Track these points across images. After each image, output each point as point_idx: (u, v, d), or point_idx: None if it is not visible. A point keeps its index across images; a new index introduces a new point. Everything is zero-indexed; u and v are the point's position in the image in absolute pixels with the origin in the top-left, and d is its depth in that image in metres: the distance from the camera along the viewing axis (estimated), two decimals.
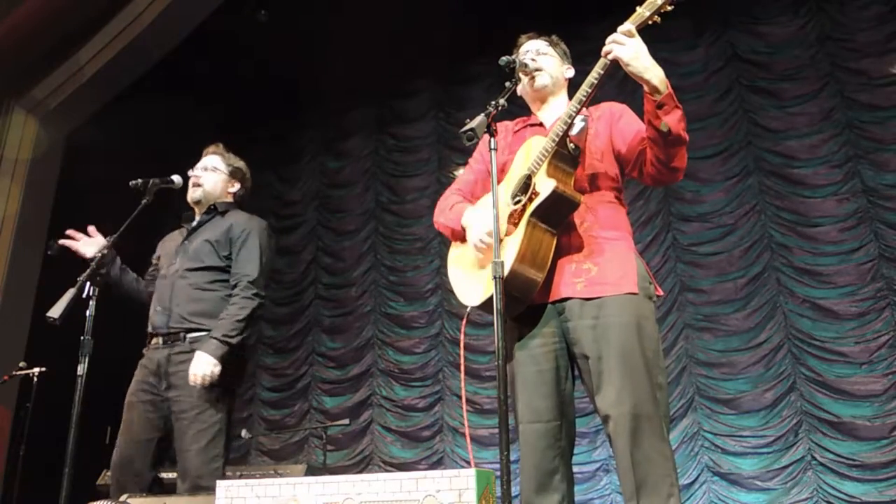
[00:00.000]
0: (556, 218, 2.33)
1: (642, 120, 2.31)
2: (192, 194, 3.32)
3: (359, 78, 8.17)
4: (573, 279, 2.32)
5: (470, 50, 7.87)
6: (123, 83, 7.49)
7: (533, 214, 2.30)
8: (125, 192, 3.21)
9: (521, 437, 2.33)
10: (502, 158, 2.57)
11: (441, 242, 8.03)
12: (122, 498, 2.84)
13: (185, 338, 3.03)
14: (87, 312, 2.85)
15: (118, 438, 3.01)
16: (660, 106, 2.17)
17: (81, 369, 2.75)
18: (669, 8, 2.21)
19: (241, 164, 3.48)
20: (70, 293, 2.80)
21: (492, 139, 2.25)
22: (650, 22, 2.23)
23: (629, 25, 2.24)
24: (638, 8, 2.25)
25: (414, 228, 8.26)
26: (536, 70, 2.59)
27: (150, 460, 2.98)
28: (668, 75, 2.26)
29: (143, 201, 3.13)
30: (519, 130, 2.67)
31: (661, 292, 2.43)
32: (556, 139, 2.32)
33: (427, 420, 7.46)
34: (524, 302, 2.33)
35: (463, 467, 1.87)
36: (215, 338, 2.92)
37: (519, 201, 2.37)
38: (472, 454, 6.04)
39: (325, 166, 9.02)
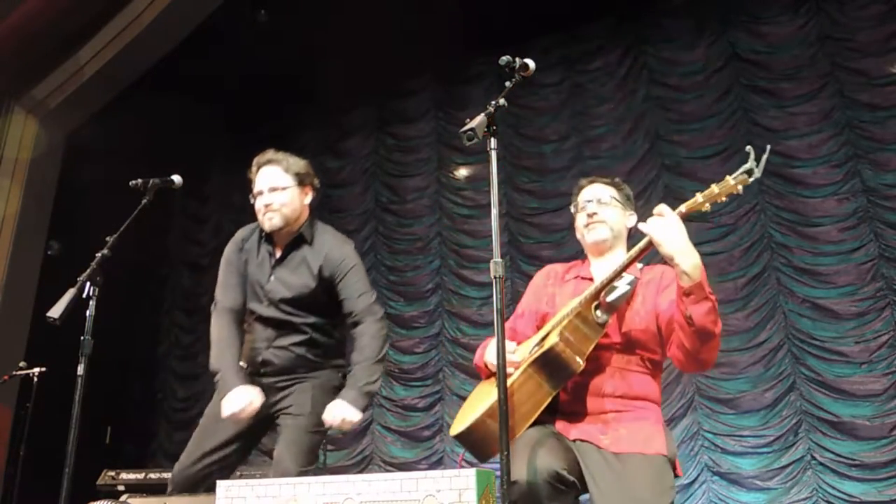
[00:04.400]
0: (552, 376, 2.23)
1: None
2: (272, 222, 2.94)
3: (359, 78, 8.17)
4: (599, 435, 2.25)
5: (470, 50, 7.88)
6: (123, 83, 7.50)
7: (531, 364, 2.23)
8: (125, 192, 3.20)
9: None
10: (544, 309, 2.51)
11: (441, 242, 8.04)
12: (123, 498, 2.85)
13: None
14: (87, 312, 2.84)
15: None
16: (687, 294, 2.08)
17: (81, 369, 2.75)
18: (724, 199, 2.15)
19: (301, 164, 3.12)
20: (70, 293, 2.79)
21: (492, 139, 2.24)
22: (703, 209, 2.16)
23: (662, 207, 2.15)
24: (698, 194, 2.17)
25: (414, 228, 8.27)
26: (598, 222, 2.49)
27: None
28: (668, 75, 2.24)
29: (143, 201, 3.12)
30: (567, 281, 2.57)
31: (680, 473, 2.30)
32: (583, 301, 2.27)
33: (427, 420, 7.46)
34: (486, 455, 2.23)
35: (463, 467, 1.87)
36: (358, 387, 2.77)
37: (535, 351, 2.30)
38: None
39: (325, 166, 9.01)
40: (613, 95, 7.39)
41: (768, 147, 2.16)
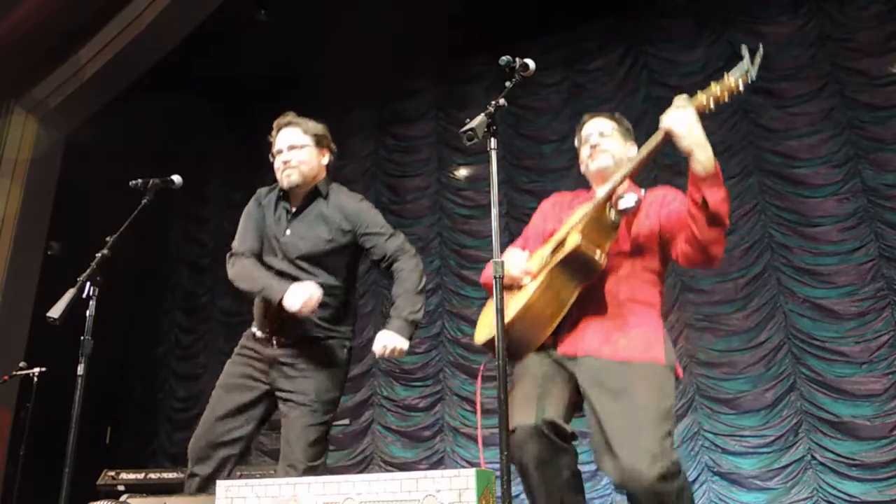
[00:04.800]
0: (575, 276, 2.36)
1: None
2: (289, 178, 2.98)
3: (359, 78, 8.17)
4: (601, 345, 2.34)
5: (470, 50, 7.88)
6: (123, 83, 7.49)
7: (555, 266, 2.35)
8: (125, 192, 3.20)
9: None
10: (552, 226, 2.63)
11: (442, 243, 8.04)
12: (123, 498, 2.85)
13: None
14: (87, 312, 2.84)
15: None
16: (703, 179, 2.18)
17: (81, 369, 2.75)
18: (727, 99, 2.22)
19: (320, 127, 3.14)
20: (70, 293, 2.79)
21: (492, 139, 2.24)
22: (706, 111, 2.24)
23: (684, 98, 2.24)
24: (699, 92, 2.25)
25: (414, 229, 8.26)
26: (600, 151, 2.61)
27: None
28: (668, 75, 2.27)
29: (143, 201, 3.12)
30: (576, 206, 2.66)
31: (681, 375, 2.41)
32: (598, 203, 2.37)
33: (428, 420, 7.46)
34: (525, 348, 2.36)
35: (464, 467, 1.87)
36: (402, 317, 2.82)
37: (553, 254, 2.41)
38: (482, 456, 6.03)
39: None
40: (613, 95, 7.39)
41: (761, 46, 2.26)
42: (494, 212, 2.19)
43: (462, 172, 8.16)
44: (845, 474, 5.78)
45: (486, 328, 2.46)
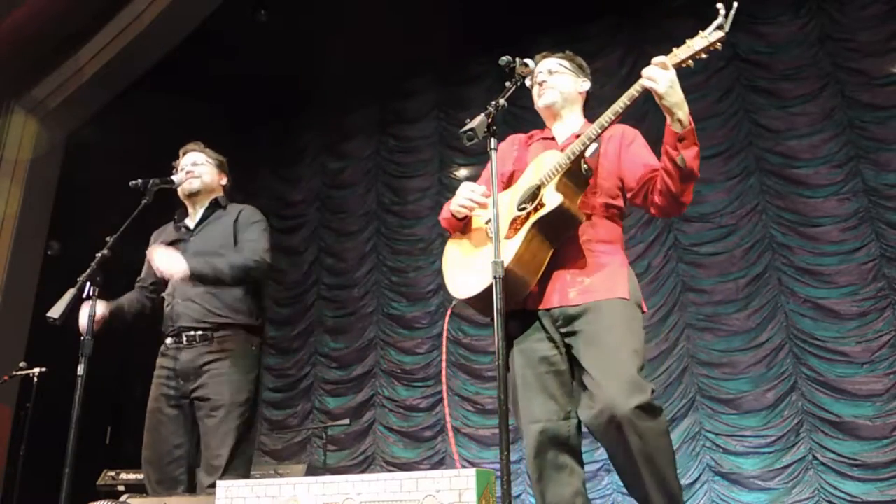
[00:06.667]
0: (555, 232, 2.38)
1: (654, 150, 2.42)
2: (190, 185, 3.29)
3: (359, 78, 8.17)
4: (567, 288, 2.39)
5: (470, 50, 7.87)
6: (123, 83, 7.49)
7: (535, 224, 2.35)
8: (125, 192, 3.19)
9: (525, 437, 2.36)
10: (510, 169, 2.64)
11: (443, 243, 8.02)
12: (123, 498, 2.84)
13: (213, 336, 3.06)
14: (88, 312, 2.84)
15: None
16: (680, 139, 2.25)
17: (82, 369, 2.75)
18: (704, 56, 2.30)
19: (222, 157, 3.51)
20: (70, 293, 2.79)
21: (492, 139, 2.25)
22: (683, 65, 2.30)
23: (664, 59, 2.28)
24: (675, 49, 2.31)
25: (416, 229, 8.27)
26: (548, 87, 2.66)
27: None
28: None
29: (143, 201, 3.11)
30: (531, 144, 2.72)
31: (646, 310, 2.48)
32: (573, 156, 2.36)
33: (429, 420, 7.46)
34: (515, 301, 2.36)
35: (464, 467, 1.87)
36: (206, 260, 3.01)
37: (524, 209, 2.41)
38: (455, 449, 6.03)
39: (327, 167, 9.02)
40: (614, 96, 7.36)
41: (735, 3, 2.35)
42: (495, 212, 2.19)
43: (463, 173, 8.15)
44: (846, 474, 5.77)
45: (464, 282, 2.50)
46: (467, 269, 2.52)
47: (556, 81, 2.67)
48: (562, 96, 2.66)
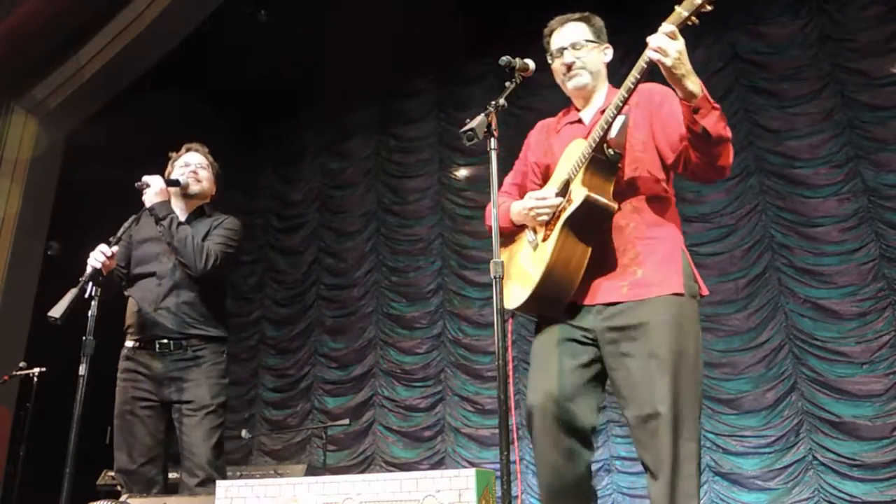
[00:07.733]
0: (589, 227, 2.26)
1: None
2: (193, 188, 3.29)
3: (359, 78, 8.16)
4: (618, 282, 2.27)
5: (470, 50, 7.87)
6: (123, 83, 7.49)
7: (565, 223, 2.26)
8: (125, 192, 3.19)
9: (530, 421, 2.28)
10: (545, 161, 2.53)
11: (443, 243, 8.03)
12: (123, 498, 2.84)
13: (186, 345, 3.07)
14: (90, 313, 2.83)
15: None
16: (696, 110, 2.10)
17: (83, 369, 2.74)
18: (709, 8, 2.13)
19: (218, 169, 3.50)
20: (71, 293, 2.79)
21: (492, 139, 2.23)
22: (688, 23, 2.15)
23: (671, 27, 2.14)
24: (676, 7, 2.16)
25: (416, 229, 8.27)
26: (577, 69, 2.49)
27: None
28: None
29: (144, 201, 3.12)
30: (560, 130, 2.57)
31: (705, 291, 2.35)
32: (594, 144, 2.24)
33: (429, 420, 7.46)
34: (559, 304, 2.29)
35: (465, 467, 1.87)
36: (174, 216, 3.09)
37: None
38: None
39: (327, 167, 9.02)
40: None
41: None
42: (495, 212, 2.19)
43: (463, 173, 8.15)
44: (846, 474, 5.77)
45: (519, 291, 2.38)
46: (510, 280, 2.43)
47: (585, 59, 2.49)
48: (591, 76, 2.51)
